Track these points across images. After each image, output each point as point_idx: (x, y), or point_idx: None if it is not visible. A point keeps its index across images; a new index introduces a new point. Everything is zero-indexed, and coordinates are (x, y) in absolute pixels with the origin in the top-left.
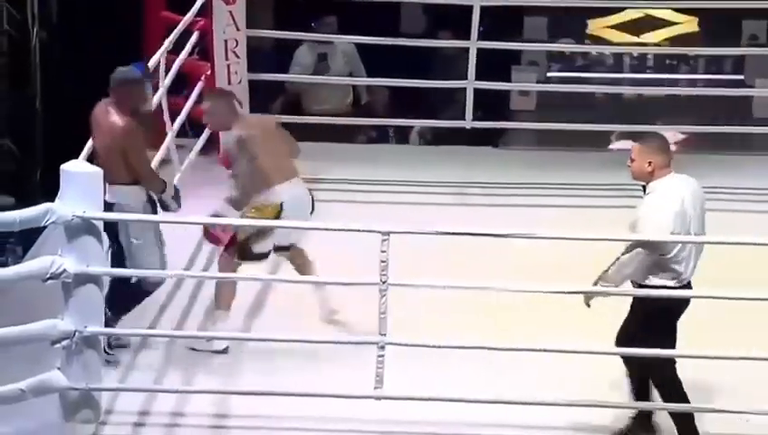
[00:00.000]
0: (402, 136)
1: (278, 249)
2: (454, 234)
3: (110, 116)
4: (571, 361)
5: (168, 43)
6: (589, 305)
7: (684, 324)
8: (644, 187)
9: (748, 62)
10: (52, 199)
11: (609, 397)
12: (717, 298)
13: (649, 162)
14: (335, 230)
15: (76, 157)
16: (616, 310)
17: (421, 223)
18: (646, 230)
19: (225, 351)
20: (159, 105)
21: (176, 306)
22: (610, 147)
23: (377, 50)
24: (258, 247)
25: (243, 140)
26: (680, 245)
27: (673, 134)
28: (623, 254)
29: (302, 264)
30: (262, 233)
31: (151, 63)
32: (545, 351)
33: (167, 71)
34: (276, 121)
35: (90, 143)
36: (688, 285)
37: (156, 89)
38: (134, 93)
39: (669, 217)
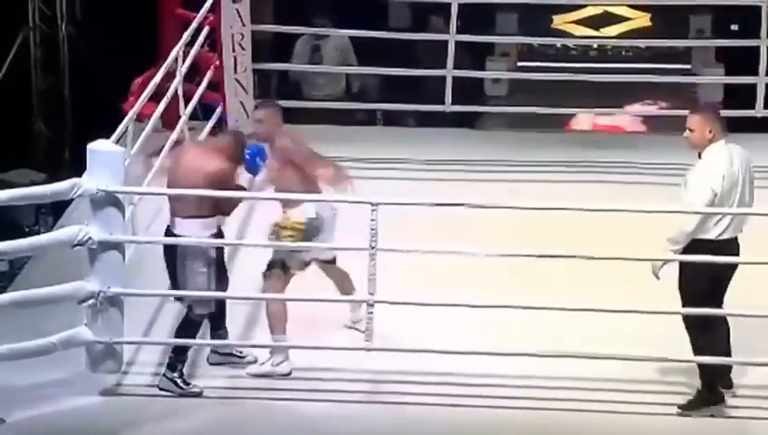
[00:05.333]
0: (389, 119)
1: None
2: (436, 205)
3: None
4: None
5: (185, 37)
6: (658, 277)
7: None
8: (699, 154)
9: (695, 53)
10: (79, 175)
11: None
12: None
13: (710, 130)
14: (329, 201)
15: (100, 136)
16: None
17: (407, 195)
18: (694, 190)
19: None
20: (175, 91)
21: None
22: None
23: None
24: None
25: (287, 151)
26: (730, 199)
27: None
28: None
29: (337, 278)
30: (293, 253)
31: (170, 56)
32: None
33: (183, 61)
34: (304, 136)
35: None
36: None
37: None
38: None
39: (718, 179)
